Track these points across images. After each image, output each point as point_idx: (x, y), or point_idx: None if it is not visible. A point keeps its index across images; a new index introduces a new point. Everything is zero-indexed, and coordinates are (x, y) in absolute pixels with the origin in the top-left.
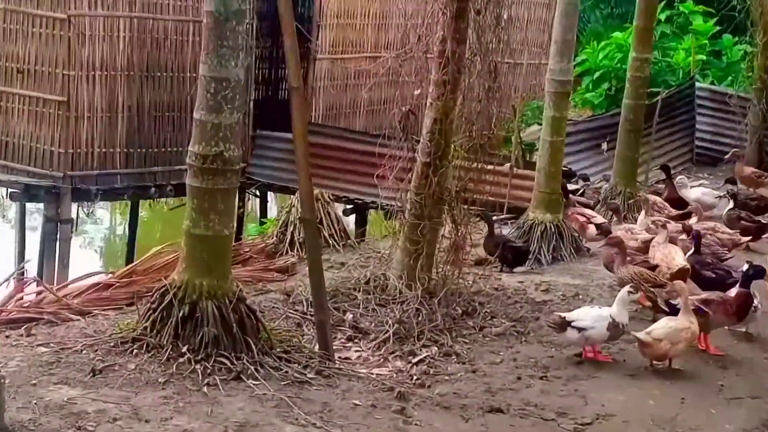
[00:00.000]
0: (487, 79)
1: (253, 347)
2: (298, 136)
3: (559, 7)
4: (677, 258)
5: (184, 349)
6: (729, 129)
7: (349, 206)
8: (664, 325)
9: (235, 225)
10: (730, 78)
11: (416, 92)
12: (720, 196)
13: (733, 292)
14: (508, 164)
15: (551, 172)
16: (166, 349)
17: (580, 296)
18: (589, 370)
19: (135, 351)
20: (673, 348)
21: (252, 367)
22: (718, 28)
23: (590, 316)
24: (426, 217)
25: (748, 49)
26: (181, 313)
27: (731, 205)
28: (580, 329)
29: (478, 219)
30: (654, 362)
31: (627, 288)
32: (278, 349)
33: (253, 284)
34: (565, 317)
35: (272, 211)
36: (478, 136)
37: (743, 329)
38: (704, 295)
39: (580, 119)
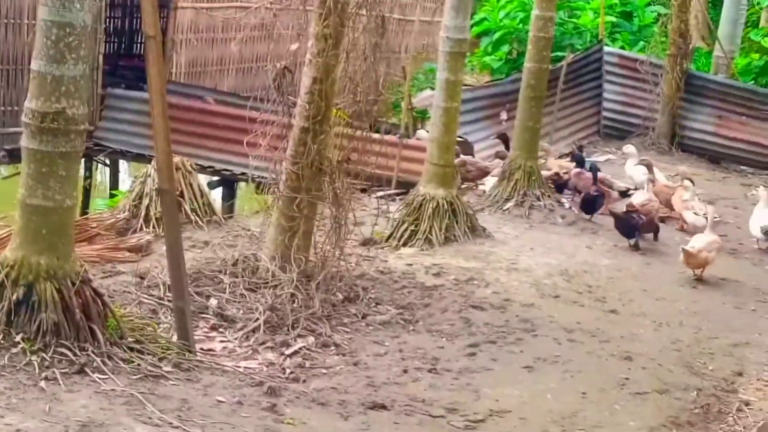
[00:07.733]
0: (373, 35)
1: (100, 336)
2: (154, 93)
3: None
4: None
5: (18, 338)
6: (639, 98)
7: (215, 177)
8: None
9: (79, 196)
10: (641, 42)
11: (293, 47)
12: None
13: None
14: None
15: (445, 142)
16: None
17: (475, 280)
18: (482, 362)
19: None
20: (710, 257)
21: (98, 359)
22: None
23: None
24: (303, 190)
25: (661, 11)
26: (14, 297)
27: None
28: None
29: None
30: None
31: None
32: (129, 339)
33: (101, 265)
34: None
35: (125, 183)
36: (364, 99)
37: None
38: None
39: (477, 85)
